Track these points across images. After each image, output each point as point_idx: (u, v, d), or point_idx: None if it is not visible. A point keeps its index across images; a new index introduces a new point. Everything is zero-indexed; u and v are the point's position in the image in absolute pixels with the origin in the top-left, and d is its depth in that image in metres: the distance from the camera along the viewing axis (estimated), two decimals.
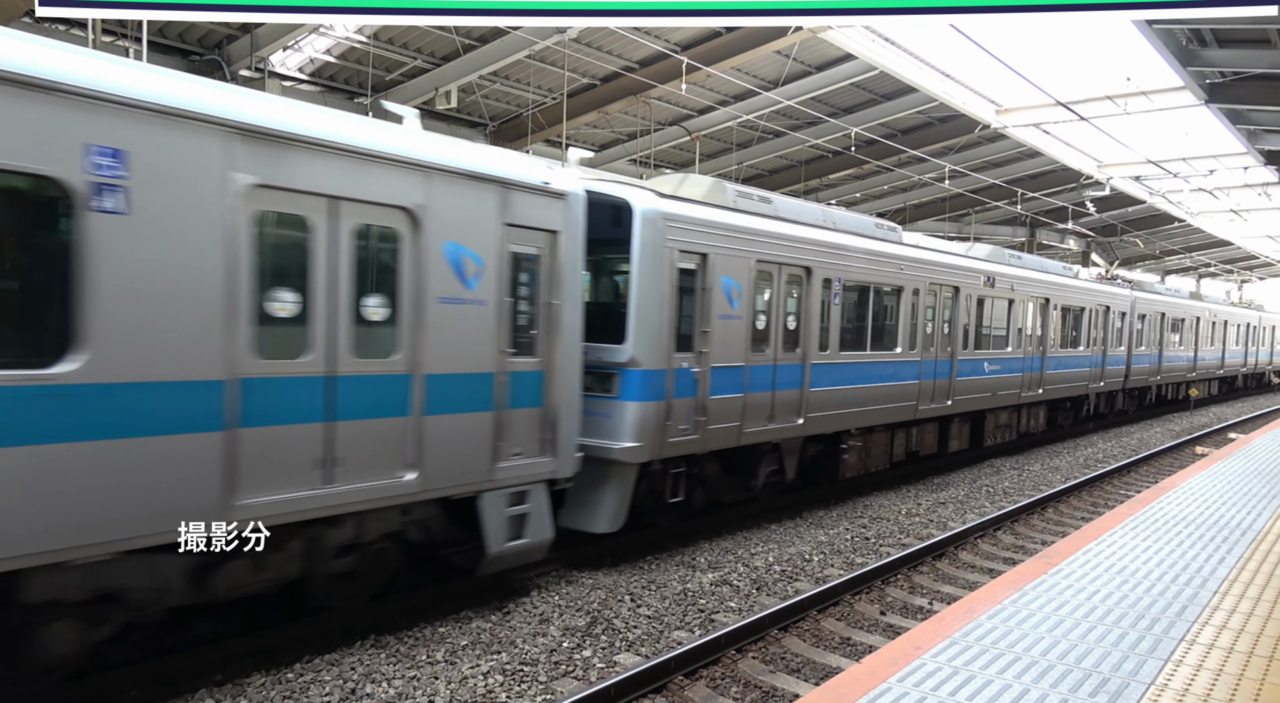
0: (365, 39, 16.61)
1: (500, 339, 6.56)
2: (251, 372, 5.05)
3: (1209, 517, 7.50)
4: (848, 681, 3.82)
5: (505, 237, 6.55)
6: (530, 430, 6.87)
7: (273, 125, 5.13)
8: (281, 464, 5.24)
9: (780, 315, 9.87)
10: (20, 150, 4.15)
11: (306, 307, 5.37)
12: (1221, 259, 54.25)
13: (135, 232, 4.56)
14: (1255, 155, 25.87)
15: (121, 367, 4.55)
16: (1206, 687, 3.88)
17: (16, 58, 4.17)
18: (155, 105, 4.61)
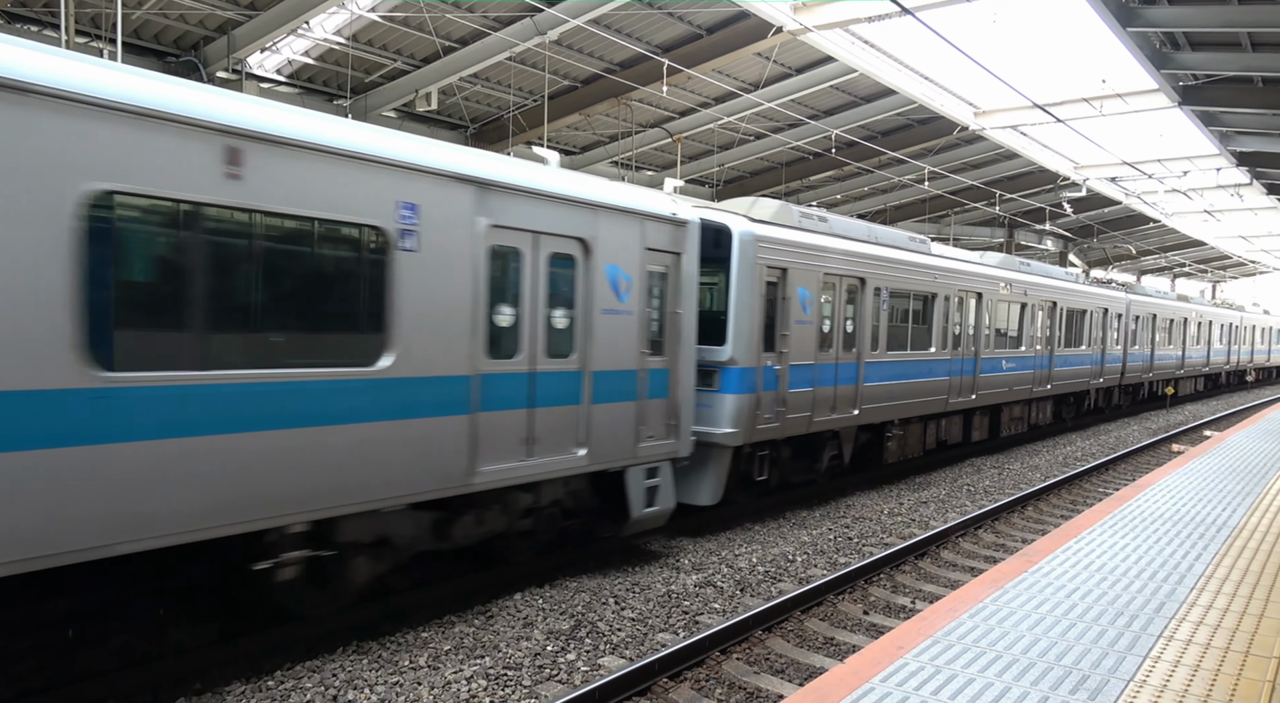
0: (344, 41, 16.50)
1: (641, 342, 8.14)
2: (485, 369, 6.66)
3: (1186, 514, 7.60)
4: (831, 681, 3.83)
5: (645, 258, 8.17)
6: (660, 417, 8.42)
7: (502, 179, 6.73)
8: (501, 441, 6.82)
9: (840, 320, 11.50)
10: (361, 208, 5.76)
11: (518, 318, 7.01)
12: (1196, 259, 55.05)
13: (423, 265, 6.17)
14: (1227, 157, 26.31)
15: (413, 365, 6.14)
16: (1184, 683, 3.93)
17: (359, 139, 5.82)
18: (436, 169, 6.23)
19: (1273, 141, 23.54)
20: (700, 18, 17.52)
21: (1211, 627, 4.68)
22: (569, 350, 7.41)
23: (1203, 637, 4.52)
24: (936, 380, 13.84)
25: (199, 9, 14.73)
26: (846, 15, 16.36)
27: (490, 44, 16.91)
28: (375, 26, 16.40)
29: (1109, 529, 6.93)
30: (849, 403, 11.61)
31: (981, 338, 15.21)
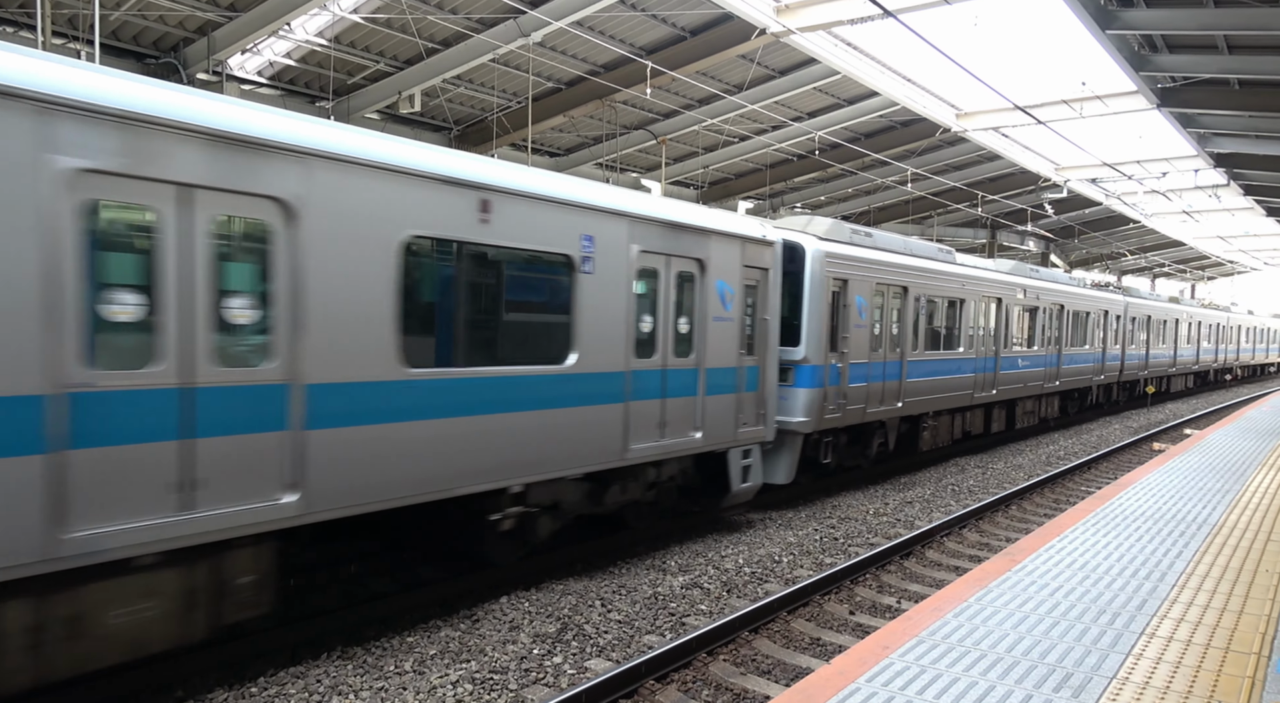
0: (326, 43, 16.40)
1: (739, 344, 9.71)
2: (634, 366, 8.29)
3: (1167, 512, 7.67)
4: (817, 682, 3.84)
5: (743, 274, 9.73)
6: (752, 407, 10.01)
7: (647, 213, 8.35)
8: (644, 425, 8.46)
9: (888, 323, 13.02)
10: (558, 240, 7.42)
11: (655, 325, 8.61)
12: (1175, 260, 55.67)
13: (596, 283, 7.81)
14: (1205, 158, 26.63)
15: (590, 363, 7.82)
16: (1166, 679, 3.96)
17: (557, 187, 7.46)
18: (605, 208, 7.84)
19: (1249, 143, 23.85)
20: (684, 20, 17.55)
21: (1193, 624, 4.72)
22: (689, 351, 9.09)
23: (1184, 634, 4.56)
24: (964, 377, 15.48)
25: (178, 10, 14.60)
26: (829, 17, 16.44)
27: (473, 46, 16.86)
28: (357, 28, 16.31)
29: (1091, 528, 6.99)
30: (894, 396, 13.26)
31: (1001, 339, 16.77)
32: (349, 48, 16.99)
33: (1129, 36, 15.16)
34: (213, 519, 5.15)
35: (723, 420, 9.45)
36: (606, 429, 7.97)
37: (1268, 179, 28.45)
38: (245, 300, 5.39)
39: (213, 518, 5.15)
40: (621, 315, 8.09)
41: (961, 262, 16.18)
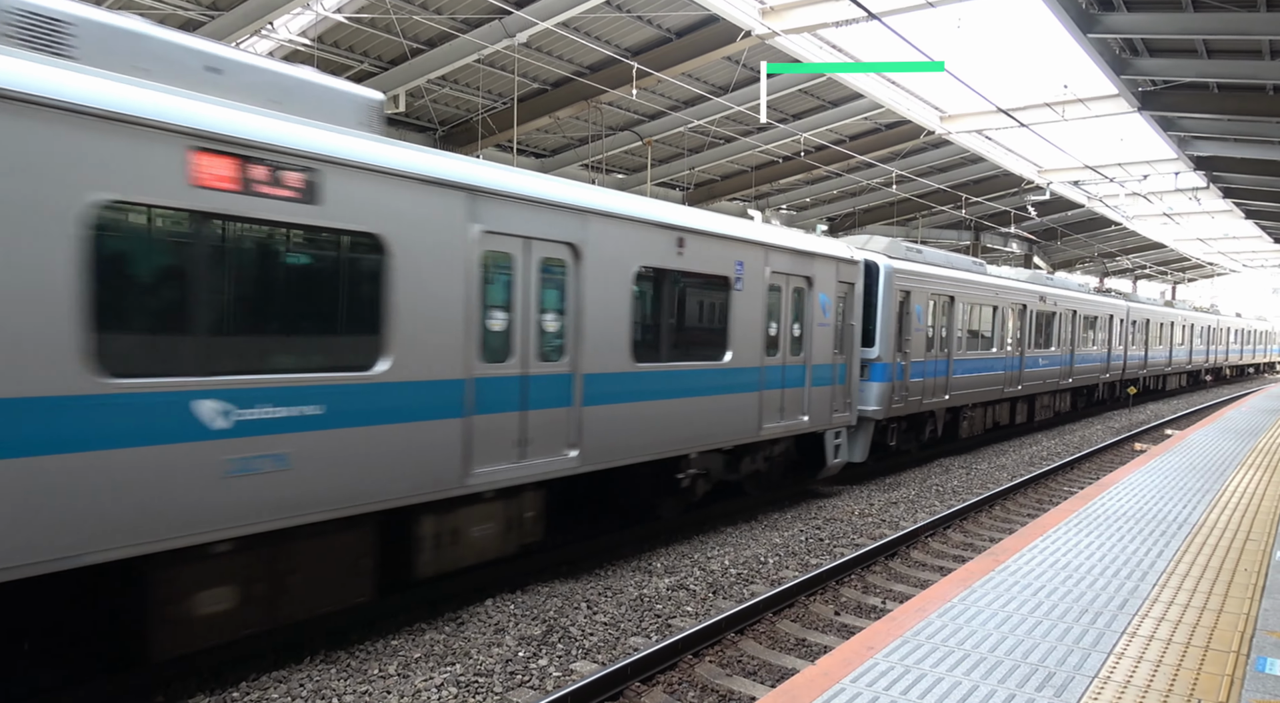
0: (309, 43, 16.30)
1: (834, 345, 11.70)
2: (766, 363, 10.26)
3: (1148, 511, 7.74)
4: (802, 683, 3.84)
5: (837, 288, 11.69)
6: (841, 397, 11.95)
7: (776, 242, 10.33)
8: (770, 410, 10.34)
9: (939, 327, 15.20)
10: (721, 266, 9.38)
11: (778, 329, 10.51)
12: (1156, 261, 56.23)
13: (744, 298, 9.81)
14: (1185, 161, 26.92)
15: (739, 360, 9.70)
16: (1147, 678, 3.99)
17: (724, 225, 9.48)
18: (751, 239, 9.86)
19: (1229, 146, 24.13)
20: (669, 21, 17.56)
21: (1173, 623, 4.76)
22: (800, 351, 10.94)
23: (1165, 633, 4.60)
24: (997, 374, 17.71)
25: (159, 9, 14.48)
26: (814, 20, 16.50)
27: (458, 46, 16.80)
28: (341, 28, 16.22)
29: (1074, 528, 7.04)
30: (943, 390, 15.40)
31: (1025, 341, 18.95)
32: (332, 47, 16.90)
33: (1110, 40, 15.32)
34: (536, 467, 7.23)
35: (822, 407, 11.52)
36: (746, 412, 10.00)
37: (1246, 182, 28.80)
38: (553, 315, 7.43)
39: (535, 466, 7.23)
40: (759, 323, 10.14)
41: (992, 273, 18.41)
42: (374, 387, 5.99)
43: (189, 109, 4.98)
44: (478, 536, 7.09)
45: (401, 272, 6.11)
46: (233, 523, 5.19)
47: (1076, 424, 23.08)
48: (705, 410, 9.24)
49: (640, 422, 8.41)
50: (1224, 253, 54.23)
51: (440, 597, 7.41)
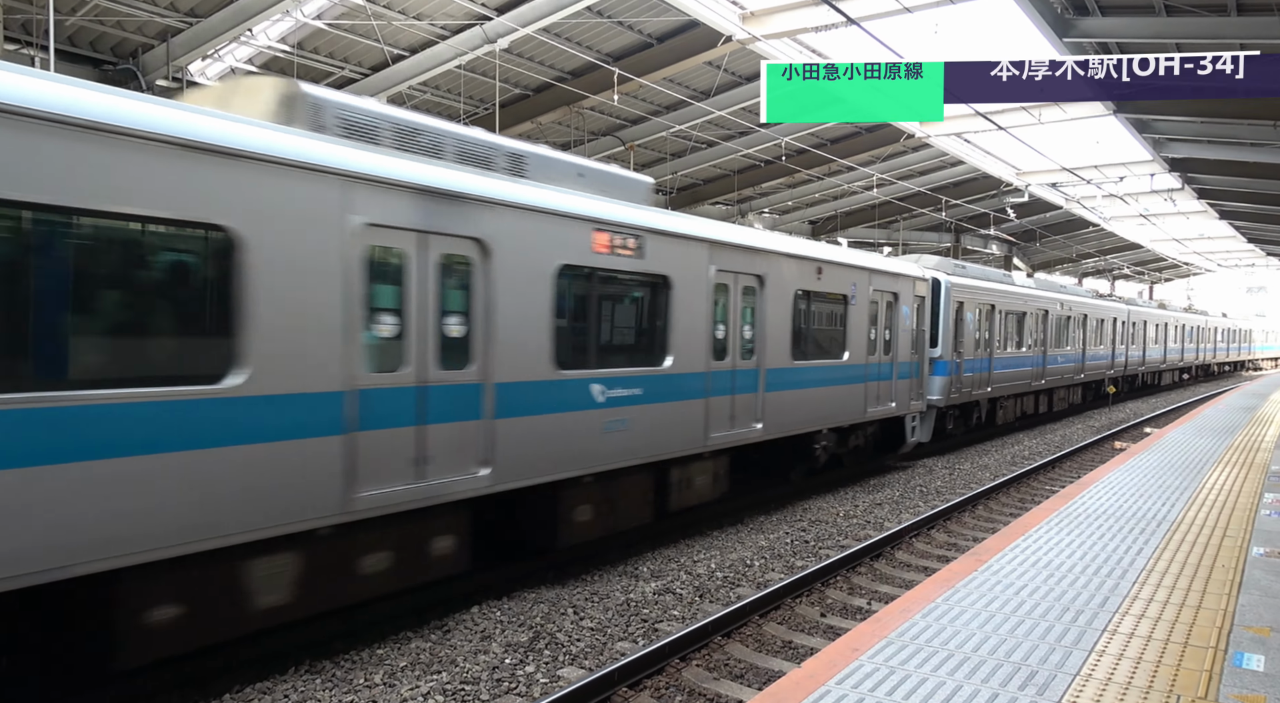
0: (289, 48, 16.22)
1: (912, 347, 14.29)
2: (871, 360, 12.76)
3: (1128, 509, 7.84)
4: (788, 685, 3.86)
5: (915, 302, 14.29)
6: (916, 388, 14.59)
7: (879, 267, 13.12)
8: (872, 398, 12.99)
9: (984, 331, 18.29)
10: (843, 287, 12.02)
11: (874, 335, 12.95)
12: (1133, 262, 56.88)
13: (855, 310, 12.43)
14: (1160, 163, 27.26)
15: (853, 358, 12.36)
16: (1128, 675, 4.04)
17: (845, 256, 12.38)
18: (861, 265, 12.54)
19: (1202, 148, 24.46)
20: (650, 27, 17.62)
21: (1153, 620, 4.83)
22: (889, 351, 13.54)
23: (1145, 630, 4.66)
24: (1026, 370, 20.83)
25: (136, 15, 14.36)
26: (793, 25, 16.61)
27: (439, 52, 16.78)
28: (321, 34, 16.16)
29: (1055, 527, 7.11)
30: (986, 384, 18.38)
31: (1049, 340, 22.20)
32: (312, 53, 16.83)
33: (1085, 43, 15.49)
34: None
35: (904, 395, 14.13)
36: (856, 398, 12.63)
37: (1219, 183, 29.20)
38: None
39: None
40: (865, 329, 12.72)
41: (1019, 282, 21.77)
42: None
43: (593, 206, 8.00)
44: (700, 484, 9.73)
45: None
46: (603, 463, 8.14)
47: (1058, 424, 23.31)
48: (829, 397, 12.00)
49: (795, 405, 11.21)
50: (1199, 253, 54.99)
51: (426, 604, 7.38)
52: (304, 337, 5.59)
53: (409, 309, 6.33)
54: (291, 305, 5.52)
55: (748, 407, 10.16)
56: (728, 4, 16.64)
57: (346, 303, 5.82)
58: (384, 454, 6.08)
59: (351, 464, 5.86)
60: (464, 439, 6.76)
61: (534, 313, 7.38)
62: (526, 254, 7.30)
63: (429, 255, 6.48)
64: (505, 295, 6.99)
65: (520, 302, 7.22)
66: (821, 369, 11.67)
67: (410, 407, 6.28)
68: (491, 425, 6.71)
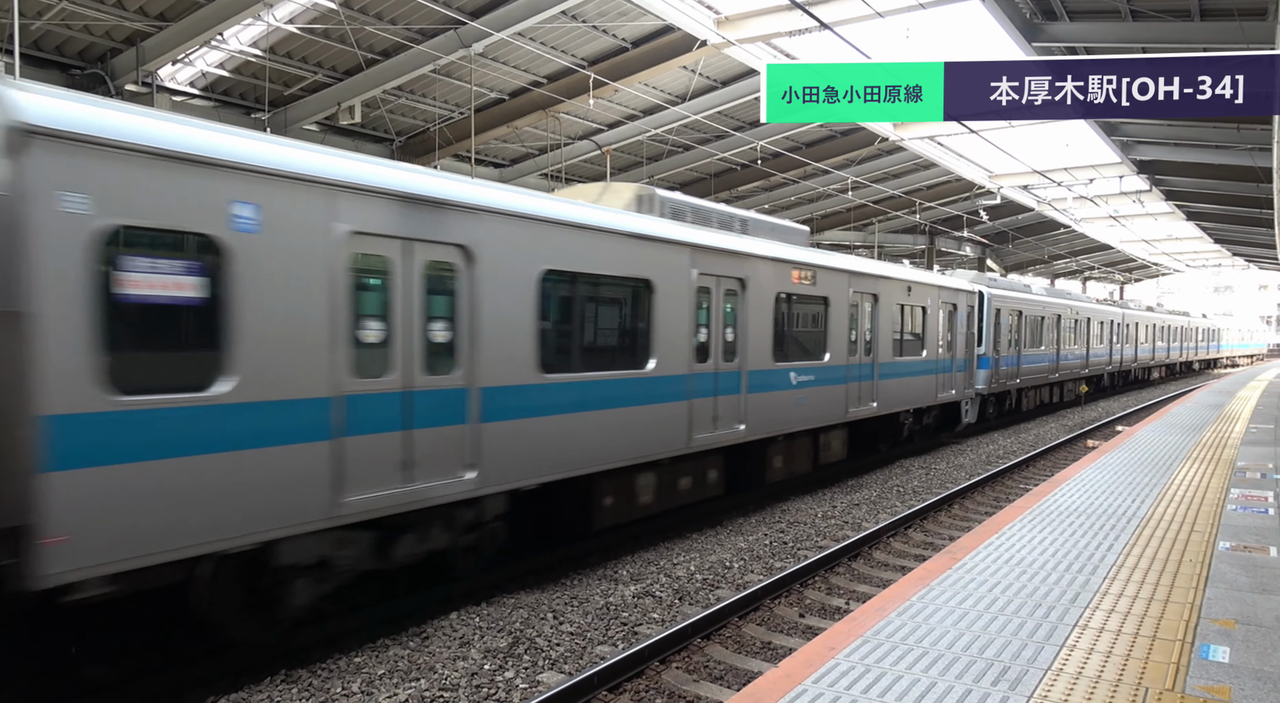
0: (261, 53, 16.08)
1: (965, 346, 17.77)
2: (939, 358, 16.66)
3: (1099, 507, 7.96)
4: (765, 685, 3.89)
5: (967, 310, 17.92)
6: (969, 379, 18.20)
7: (942, 284, 17.29)
8: (942, 387, 16.88)
9: (1017, 331, 22.22)
10: (923, 301, 15.97)
11: (937, 337, 16.62)
12: (1103, 263, 57.71)
13: (931, 318, 16.43)
14: (1129, 165, 27.70)
15: (928, 355, 16.34)
16: (1098, 669, 4.11)
17: (922, 277, 16.45)
18: (933, 283, 16.68)
19: (1169, 150, 24.91)
20: (625, 31, 17.67)
21: (1122, 614, 4.91)
22: (950, 350, 17.18)
23: (1114, 624, 4.74)
24: (1046, 365, 25.14)
25: (104, 20, 14.18)
26: (768, 29, 16.72)
27: (414, 56, 16.72)
28: (293, 38, 16.05)
29: (1028, 524, 7.21)
30: (1016, 376, 22.32)
31: (1061, 340, 26.39)
32: (285, 58, 16.70)
33: (1054, 48, 15.73)
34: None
35: (961, 385, 17.91)
36: (930, 386, 16.30)
37: (1186, 185, 29.73)
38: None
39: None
40: (938, 333, 16.41)
41: (1036, 292, 25.68)
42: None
43: (784, 252, 11.54)
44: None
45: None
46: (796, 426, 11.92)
47: (1031, 423, 23.61)
48: (910, 385, 15.32)
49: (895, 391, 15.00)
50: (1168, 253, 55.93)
51: (403, 612, 7.34)
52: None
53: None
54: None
55: (867, 390, 14.12)
56: (702, 9, 16.73)
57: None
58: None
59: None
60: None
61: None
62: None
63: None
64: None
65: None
66: (911, 364, 15.60)
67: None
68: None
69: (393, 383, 6.37)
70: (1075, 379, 29.03)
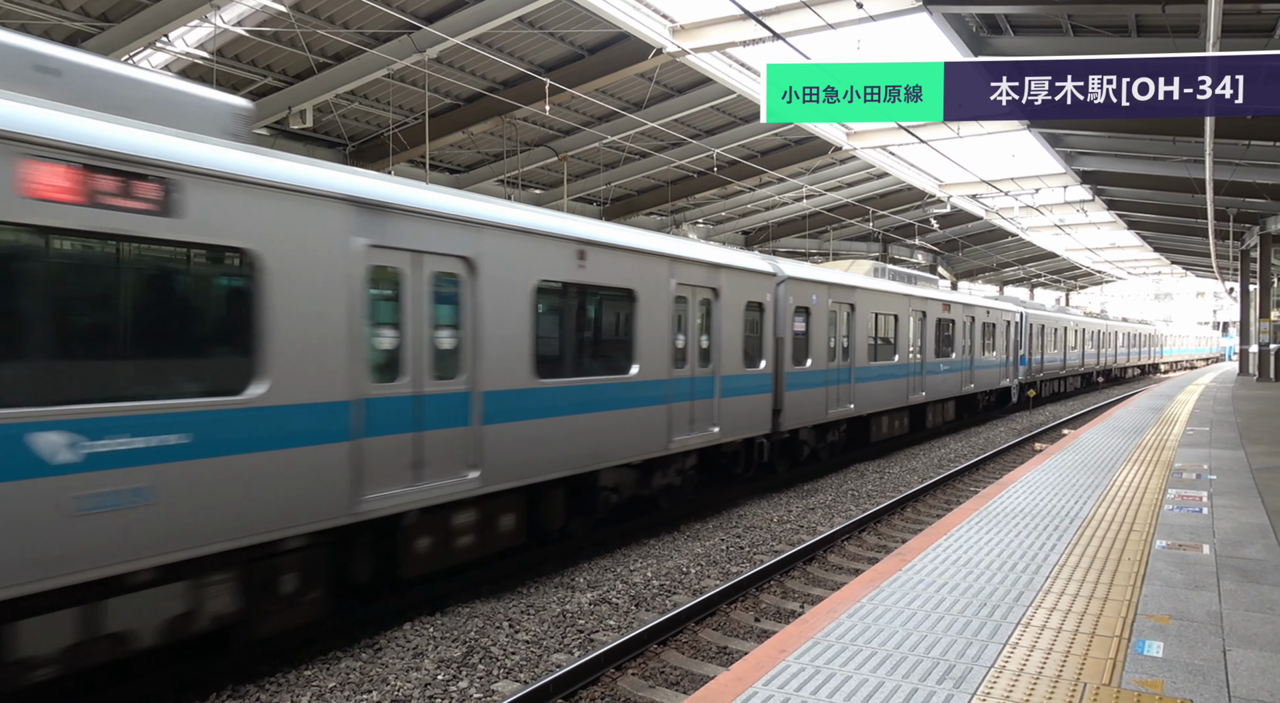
0: (208, 55, 15.78)
1: (1011, 351, 26.97)
2: (996, 359, 25.62)
3: (1044, 508, 8.17)
4: (716, 688, 3.92)
5: (1013, 325, 26.97)
6: (1012, 373, 27.14)
7: (977, 303, 24.28)
8: (980, 380, 23.86)
9: (1039, 339, 29.69)
10: (994, 321, 25.59)
11: (1006, 346, 26.61)
12: (1050, 270, 59.25)
13: (997, 331, 26.46)
14: (1072, 175, 28.51)
15: (977, 360, 24.11)
16: (1039, 665, 4.22)
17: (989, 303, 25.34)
18: (975, 303, 24.31)
19: (1110, 161, 25.72)
20: (581, 38, 17.71)
21: (1064, 612, 5.05)
22: (1002, 352, 25.34)
23: (1056, 622, 4.88)
24: (1056, 363, 32.44)
25: (44, 19, 13.79)
26: (723, 39, 16.90)
27: (367, 61, 16.55)
28: (242, 41, 15.77)
29: (976, 526, 7.38)
30: (1040, 371, 29.90)
31: (1065, 346, 33.71)
32: (234, 61, 16.41)
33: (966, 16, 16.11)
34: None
35: (1009, 375, 25.78)
36: (995, 375, 24.35)
37: (1127, 195, 30.69)
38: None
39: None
40: (1001, 341, 24.41)
41: (1048, 308, 33.97)
42: None
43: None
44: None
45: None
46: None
47: (982, 427, 24.13)
48: (984, 376, 21.91)
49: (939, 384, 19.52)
50: (1110, 261, 57.69)
51: (356, 623, 7.23)
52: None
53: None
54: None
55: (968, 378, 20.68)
56: (658, 18, 16.84)
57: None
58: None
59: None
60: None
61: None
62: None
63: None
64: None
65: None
66: (982, 362, 23.27)
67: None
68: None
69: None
70: (1073, 375, 37.29)
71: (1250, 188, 24.66)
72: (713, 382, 11.21)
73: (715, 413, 11.28)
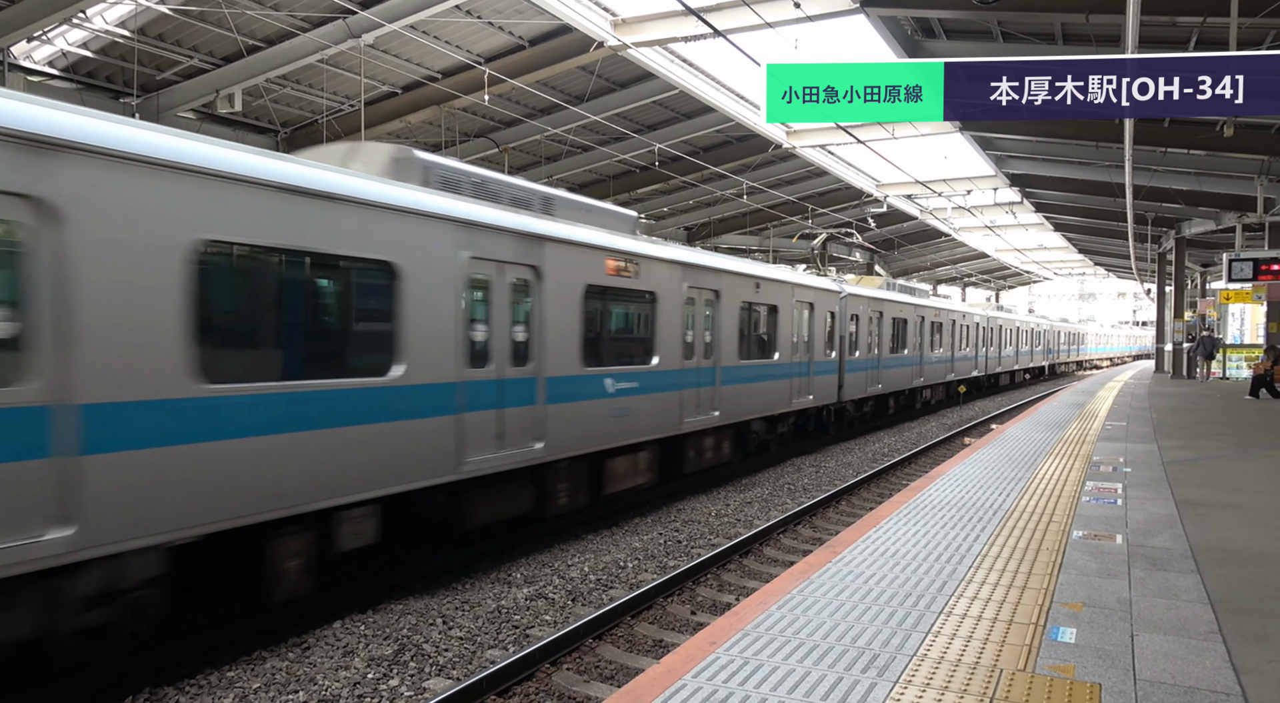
0: (129, 34, 15.13)
1: (1044, 349, 46.84)
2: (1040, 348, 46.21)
3: (969, 499, 8.42)
4: (645, 682, 3.94)
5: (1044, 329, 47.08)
6: (1041, 358, 46.02)
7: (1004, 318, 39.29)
8: (1037, 356, 45.18)
9: (1051, 341, 48.64)
10: (1035, 327, 45.79)
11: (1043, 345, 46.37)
12: (980, 270, 61.04)
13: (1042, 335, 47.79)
14: (1002, 178, 29.39)
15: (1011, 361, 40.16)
16: (959, 653, 4.35)
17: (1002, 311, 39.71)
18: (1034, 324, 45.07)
19: (1037, 165, 26.59)
20: (522, 29, 17.53)
21: (984, 601, 5.22)
22: (1039, 347, 43.40)
23: (976, 610, 5.03)
24: (1010, 357, 38.08)
25: None
26: (664, 34, 16.92)
27: (300, 44, 16.08)
28: (166, 20, 15.17)
29: (905, 518, 7.56)
30: (999, 363, 36.28)
31: (1054, 343, 47.03)
32: (157, 40, 15.77)
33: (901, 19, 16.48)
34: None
35: (1040, 359, 43.73)
36: (1040, 358, 43.88)
37: (1054, 198, 31.80)
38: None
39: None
40: (1042, 340, 42.98)
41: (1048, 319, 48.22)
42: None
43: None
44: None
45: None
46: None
47: (914, 422, 24.74)
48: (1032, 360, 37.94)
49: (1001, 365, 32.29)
50: (1038, 262, 59.77)
51: (283, 621, 7.05)
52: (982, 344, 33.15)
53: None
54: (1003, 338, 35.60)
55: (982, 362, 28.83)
56: (600, 11, 16.77)
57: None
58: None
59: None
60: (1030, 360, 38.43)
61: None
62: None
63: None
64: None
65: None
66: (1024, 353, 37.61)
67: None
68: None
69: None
70: (1025, 369, 42.88)
71: (1167, 193, 25.79)
72: (808, 366, 16.56)
73: (809, 387, 16.78)
